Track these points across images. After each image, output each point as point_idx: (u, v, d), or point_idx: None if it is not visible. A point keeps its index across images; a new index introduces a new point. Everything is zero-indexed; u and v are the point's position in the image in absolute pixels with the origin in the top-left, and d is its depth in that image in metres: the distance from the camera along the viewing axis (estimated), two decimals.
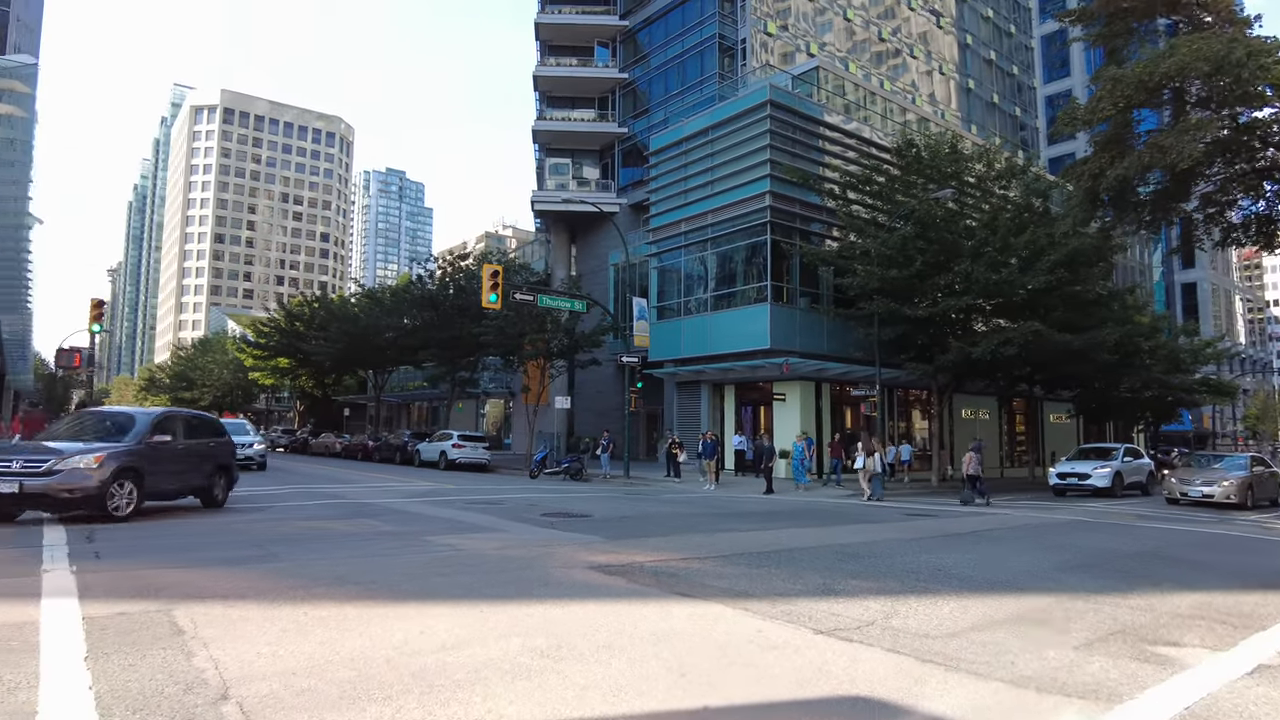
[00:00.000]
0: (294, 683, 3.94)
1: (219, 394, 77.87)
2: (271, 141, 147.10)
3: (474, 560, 8.06)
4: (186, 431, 12.69)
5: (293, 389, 69.74)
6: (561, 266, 44.26)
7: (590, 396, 40.40)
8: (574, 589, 6.59)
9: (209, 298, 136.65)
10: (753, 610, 5.93)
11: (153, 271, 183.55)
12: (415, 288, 39.87)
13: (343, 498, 16.21)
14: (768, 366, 26.71)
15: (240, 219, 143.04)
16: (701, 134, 30.17)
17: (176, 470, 12.03)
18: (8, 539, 8.91)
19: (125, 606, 5.46)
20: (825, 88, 32.99)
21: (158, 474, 11.38)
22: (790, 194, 27.77)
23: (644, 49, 43.72)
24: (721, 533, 11.19)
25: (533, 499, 16.55)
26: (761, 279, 27.56)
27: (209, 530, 10.32)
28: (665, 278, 32.32)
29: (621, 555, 8.49)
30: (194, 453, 12.62)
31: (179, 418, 13.05)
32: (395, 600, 6.02)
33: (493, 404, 53.99)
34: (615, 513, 13.95)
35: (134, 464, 10.86)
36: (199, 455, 12.73)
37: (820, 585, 7.10)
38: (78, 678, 3.90)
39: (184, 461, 12.26)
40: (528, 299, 26.87)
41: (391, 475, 25.58)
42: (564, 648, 4.75)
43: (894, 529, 12.47)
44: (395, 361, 46.55)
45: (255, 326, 64.41)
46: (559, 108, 45.89)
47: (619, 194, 42.99)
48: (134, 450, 11.03)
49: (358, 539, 9.69)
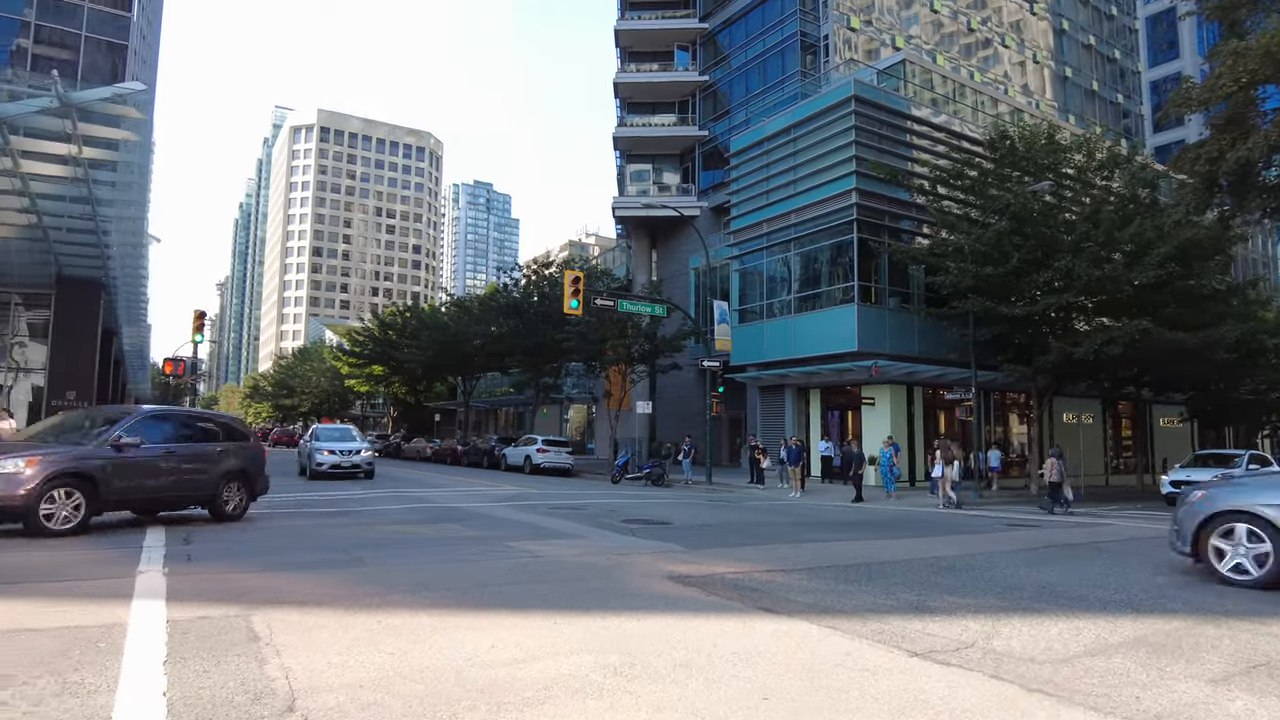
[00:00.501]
0: (361, 696, 3.85)
1: (317, 401, 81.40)
2: (365, 158, 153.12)
3: (552, 568, 7.94)
4: (183, 434, 11.39)
5: (386, 395, 72.21)
6: (642, 272, 44.26)
7: (672, 401, 40.20)
8: (651, 601, 6.36)
9: (308, 309, 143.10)
10: (841, 629, 5.57)
11: (257, 285, 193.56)
12: (501, 296, 40.62)
13: (430, 502, 16.47)
14: (856, 369, 25.92)
15: (337, 233, 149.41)
16: (784, 133, 29.61)
17: (159, 478, 10.66)
18: (113, 539, 9.33)
19: (208, 610, 5.53)
20: (912, 82, 31.91)
21: (125, 482, 10.08)
22: (877, 191, 26.92)
23: (724, 50, 43.33)
24: (807, 543, 10.77)
25: (613, 505, 16.43)
26: (848, 279, 26.79)
27: (299, 534, 10.57)
28: (747, 280, 31.83)
29: (701, 566, 8.22)
30: (191, 458, 11.21)
31: (172, 418, 11.87)
32: (470, 609, 5.92)
33: (576, 409, 54.48)
34: (696, 520, 13.67)
35: (82, 469, 9.55)
36: (199, 461, 11.33)
37: (914, 602, 6.66)
38: (154, 683, 3.91)
39: (170, 468, 10.85)
40: (608, 304, 26.90)
41: (478, 479, 25.97)
42: (638, 665, 4.53)
43: (992, 540, 11.77)
44: (483, 368, 47.53)
45: (351, 336, 66.99)
46: (639, 113, 45.95)
47: (699, 197, 42.69)
48: (87, 455, 9.75)
49: (441, 544, 9.74)
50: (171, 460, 10.93)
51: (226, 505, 11.72)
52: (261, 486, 12.56)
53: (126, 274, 32.40)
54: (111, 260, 28.04)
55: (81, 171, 20.27)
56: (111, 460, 9.96)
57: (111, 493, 9.95)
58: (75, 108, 17.28)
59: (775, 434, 29.27)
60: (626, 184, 45.90)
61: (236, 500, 11.93)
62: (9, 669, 4.10)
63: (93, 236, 25.23)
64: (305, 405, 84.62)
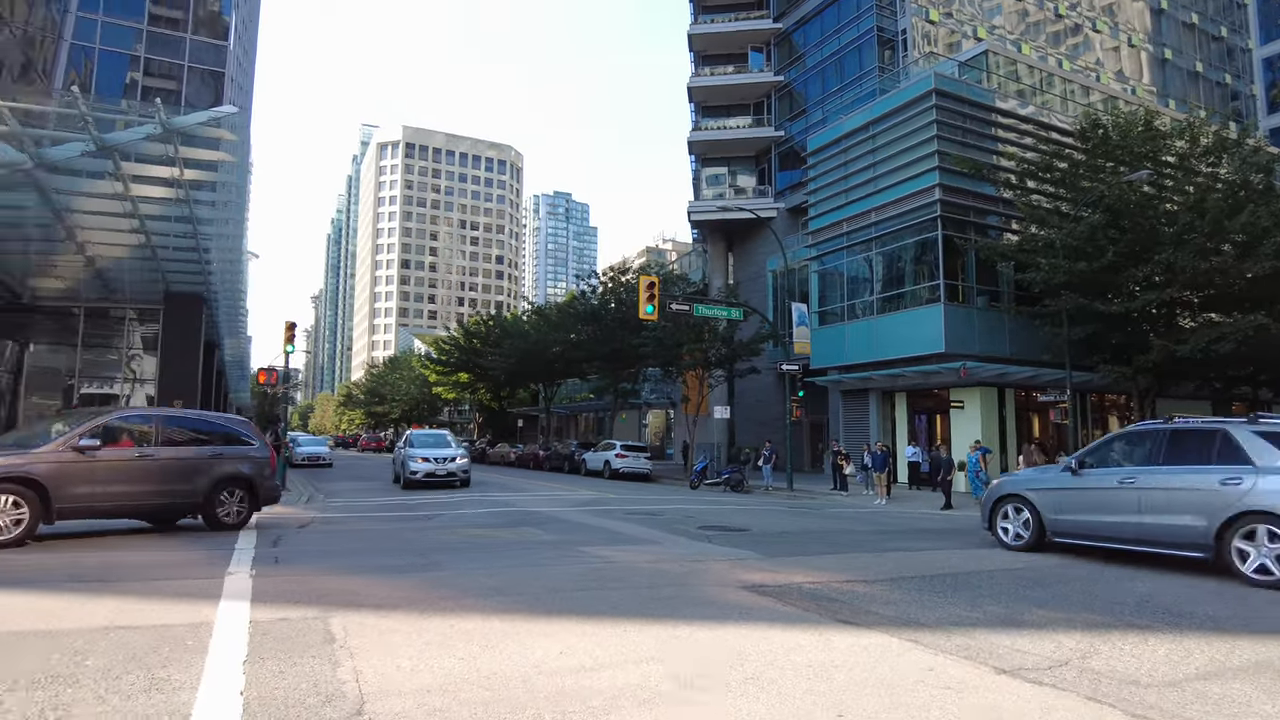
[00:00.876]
0: (428, 701, 3.86)
1: (407, 408, 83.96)
2: (449, 172, 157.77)
3: (625, 574, 7.88)
4: (166, 438, 10.64)
5: (472, 402, 73.86)
6: (719, 276, 43.96)
7: (750, 406, 39.74)
8: (724, 611, 6.22)
9: (397, 319, 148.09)
10: (924, 643, 5.31)
11: (349, 297, 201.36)
12: (579, 303, 41.03)
13: (511, 506, 16.70)
14: (943, 372, 25.04)
15: (424, 245, 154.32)
16: (862, 130, 28.93)
17: (131, 484, 10.00)
18: (207, 541, 9.77)
19: (288, 612, 5.69)
20: (996, 73, 30.71)
21: (86, 488, 9.49)
22: (962, 186, 25.98)
23: (799, 49, 42.71)
24: (890, 552, 10.40)
25: (690, 510, 16.30)
26: (933, 278, 25.93)
27: (381, 537, 10.84)
28: (826, 281, 31.21)
29: (778, 575, 8.01)
30: (174, 463, 10.51)
31: (156, 419, 11.07)
32: (541, 615, 5.91)
33: (654, 414, 54.52)
34: (774, 527, 13.40)
35: (28, 474, 8.97)
36: (184, 466, 10.62)
37: (1002, 615, 6.31)
38: (233, 681, 4.03)
39: (146, 474, 10.18)
40: (683, 309, 26.76)
41: (559, 484, 26.23)
42: (708, 677, 4.41)
43: (1070, 552, 11.09)
44: (563, 374, 48.14)
45: (438, 344, 68.93)
46: (714, 116, 45.73)
47: (776, 198, 42.13)
48: (35, 459, 9.16)
49: (518, 548, 9.82)
50: (147, 465, 10.18)
51: (222, 514, 10.96)
52: (268, 494, 11.73)
53: (227, 289, 34.09)
54: (213, 276, 29.49)
55: (183, 192, 21.37)
56: (67, 464, 9.26)
57: (67, 500, 9.25)
58: (176, 132, 18.26)
59: (859, 439, 28.55)
60: (702, 188, 45.73)
61: (235, 509, 11.14)
62: (107, 663, 4.30)
63: (195, 254, 26.60)
64: (396, 412, 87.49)
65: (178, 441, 10.84)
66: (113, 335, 32.73)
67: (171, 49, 36.55)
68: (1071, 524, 10.20)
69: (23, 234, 24.22)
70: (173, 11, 37.06)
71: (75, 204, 22.54)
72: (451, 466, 22.05)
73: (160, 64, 36.27)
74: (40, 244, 25.04)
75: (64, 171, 20.23)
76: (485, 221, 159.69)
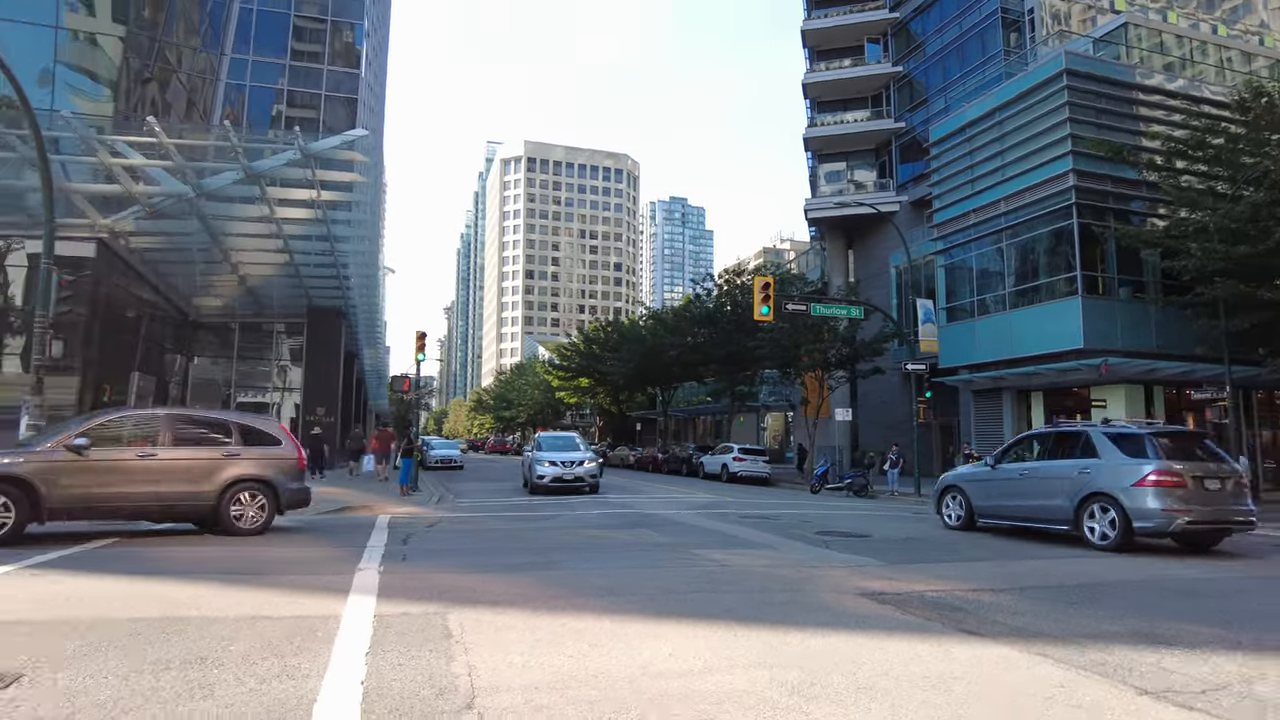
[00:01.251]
0: (535, 698, 3.94)
1: (532, 412, 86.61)
2: (569, 184, 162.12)
3: (738, 578, 7.79)
4: (170, 437, 10.25)
5: (593, 406, 75.35)
6: (839, 274, 42.86)
7: (874, 408, 38.50)
8: (838, 618, 6.04)
9: (523, 327, 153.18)
10: (1054, 657, 4.96)
11: (477, 307, 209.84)
12: (694, 307, 41.04)
13: (628, 508, 16.88)
14: (1082, 369, 23.41)
15: (546, 256, 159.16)
16: (987, 117, 27.49)
17: (128, 484, 9.74)
18: (344, 538, 10.39)
19: (410, 607, 5.97)
20: (1137, 47, 28.51)
21: (80, 488, 9.36)
22: (1099, 171, 24.20)
23: (917, 38, 41.09)
24: (1022, 560, 9.80)
25: (809, 515, 15.94)
26: (1069, 269, 24.30)
27: (503, 536, 11.19)
28: (953, 276, 29.83)
29: (899, 582, 7.70)
30: (177, 463, 10.13)
31: (161, 418, 10.65)
32: (651, 616, 5.93)
33: (773, 417, 53.72)
34: (898, 534, 12.90)
35: (13, 474, 8.93)
36: (189, 466, 10.21)
37: (1145, 630, 5.81)
38: (355, 671, 4.26)
39: (145, 473, 9.87)
40: (800, 309, 26.24)
41: (676, 486, 26.31)
42: (817, 685, 4.28)
43: (1248, 565, 10.08)
44: (680, 378, 48.30)
45: (560, 351, 70.78)
46: (830, 111, 44.69)
47: (898, 192, 40.65)
48: (22, 457, 9.16)
49: (633, 549, 9.91)
50: (147, 465, 9.87)
51: (235, 518, 10.37)
52: (292, 497, 11.03)
53: (364, 302, 36.33)
54: (351, 291, 31.50)
55: (321, 213, 22.98)
56: (59, 464, 9.16)
57: (58, 500, 9.15)
58: (314, 157, 19.65)
59: (992, 441, 27.07)
60: (819, 184, 44.76)
61: (253, 513, 10.54)
62: (247, 650, 4.65)
63: (333, 270, 28.50)
64: (522, 416, 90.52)
65: (187, 441, 10.42)
66: (264, 347, 35.49)
67: (310, 80, 39.29)
68: (991, 508, 12.95)
69: (188, 257, 26.67)
70: (311, 46, 39.86)
71: (229, 228, 24.68)
72: (579, 471, 21.11)
73: (301, 95, 39.06)
74: (202, 266, 27.50)
75: (220, 199, 22.19)
76: (604, 230, 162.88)
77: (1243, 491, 11.14)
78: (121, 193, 21.01)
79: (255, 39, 37.98)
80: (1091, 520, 11.07)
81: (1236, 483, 11.05)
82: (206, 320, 33.45)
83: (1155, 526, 10.48)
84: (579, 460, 21.38)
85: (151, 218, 22.26)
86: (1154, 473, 10.59)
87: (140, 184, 20.93)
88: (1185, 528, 10.48)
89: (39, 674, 4.14)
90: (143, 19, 31.35)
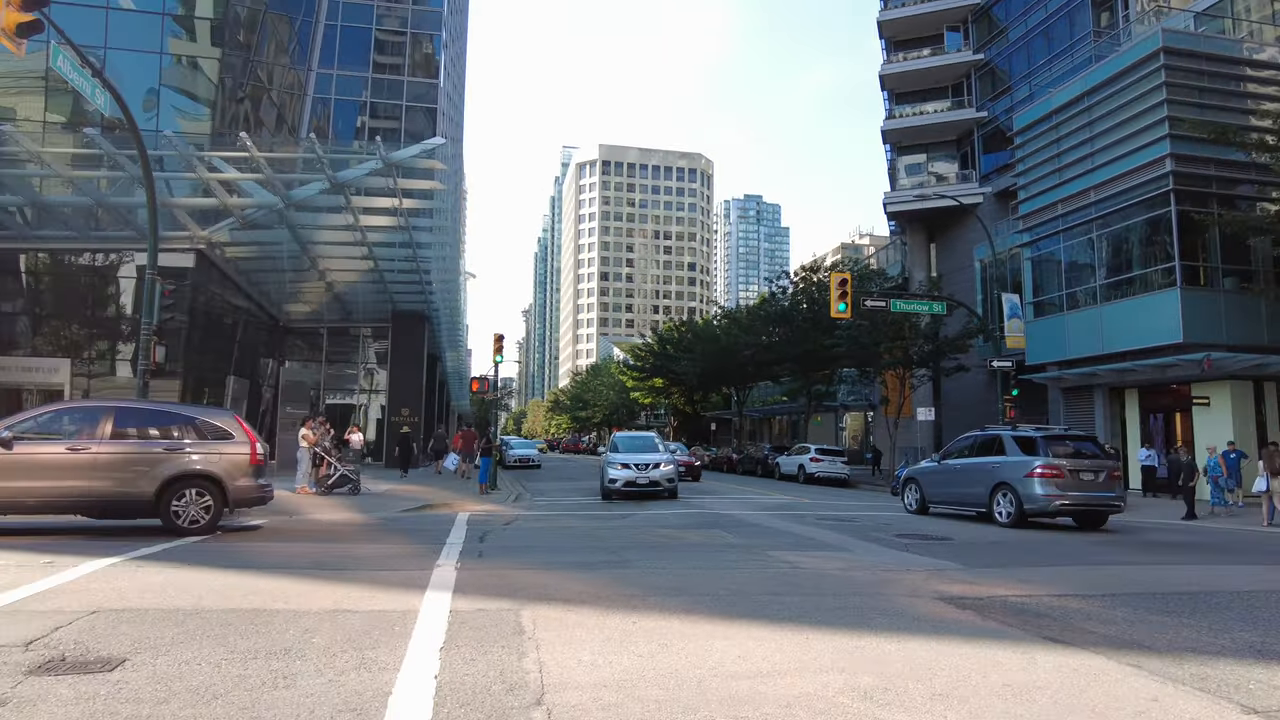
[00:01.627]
0: (603, 696, 3.97)
1: (607, 412, 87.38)
2: (643, 185, 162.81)
3: (811, 580, 7.67)
4: (110, 431, 9.90)
5: (667, 406, 75.51)
6: (920, 269, 41.73)
7: (959, 407, 37.30)
8: (915, 623, 5.87)
9: (598, 329, 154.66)
10: (1148, 669, 4.69)
11: (554, 310, 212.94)
12: (769, 305, 40.62)
13: (702, 508, 16.84)
14: (1182, 364, 22.14)
15: (621, 257, 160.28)
16: (1076, 102, 26.26)
17: (59, 479, 9.49)
18: (424, 535, 10.68)
19: (484, 603, 6.10)
20: (1246, 19, 26.73)
21: (6, 483, 9.28)
22: (1200, 154, 22.79)
23: (999, 24, 39.62)
24: (1114, 565, 9.33)
25: (888, 518, 15.55)
26: (1167, 259, 23.01)
27: (578, 535, 11.31)
28: (1041, 269, 28.64)
29: (980, 587, 7.44)
30: (114, 457, 9.77)
31: (105, 411, 10.25)
32: (721, 617, 5.89)
33: (852, 417, 52.69)
34: (982, 537, 12.47)
35: None
36: (127, 461, 9.84)
37: (1255, 644, 5.44)
38: (429, 666, 4.37)
39: (77, 468, 9.57)
40: (879, 305, 25.65)
41: (751, 487, 26.09)
42: (891, 691, 4.17)
43: None
44: (754, 377, 47.89)
45: (634, 351, 71.14)
46: (908, 103, 43.56)
47: (980, 183, 39.29)
48: None
49: (705, 550, 9.88)
50: (77, 459, 9.56)
51: (176, 515, 9.93)
52: (242, 496, 10.50)
53: (446, 306, 37.29)
54: (433, 295, 32.39)
55: (403, 220, 23.71)
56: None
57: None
58: (395, 166, 20.29)
59: None
60: (899, 178, 43.69)
61: (195, 511, 10.05)
62: (328, 642, 4.83)
63: (416, 275, 29.35)
64: (597, 417, 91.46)
65: (127, 436, 10.00)
66: (351, 351, 36.84)
67: (392, 91, 40.63)
68: (937, 495, 15.98)
69: (278, 265, 27.91)
70: (392, 58, 41.21)
71: (317, 237, 25.73)
72: (655, 475, 19.16)
73: (383, 106, 40.44)
74: (292, 273, 28.74)
75: (307, 209, 23.15)
76: (678, 230, 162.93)
77: (1114, 482, 14.12)
78: (217, 205, 22.16)
79: (340, 54, 39.53)
80: (998, 505, 14.24)
81: (1109, 475, 14.05)
82: (297, 325, 34.94)
83: (1038, 508, 13.65)
84: (655, 462, 19.55)
85: (244, 228, 23.40)
86: (1040, 466, 13.64)
87: (234, 196, 22.04)
88: (1060, 509, 13.72)
89: (141, 658, 4.40)
90: (237, 41, 33.01)
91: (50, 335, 23.22)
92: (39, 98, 29.17)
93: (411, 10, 42.00)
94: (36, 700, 3.70)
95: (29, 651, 4.51)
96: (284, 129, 36.18)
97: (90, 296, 23.65)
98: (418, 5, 42.31)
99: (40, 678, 4.04)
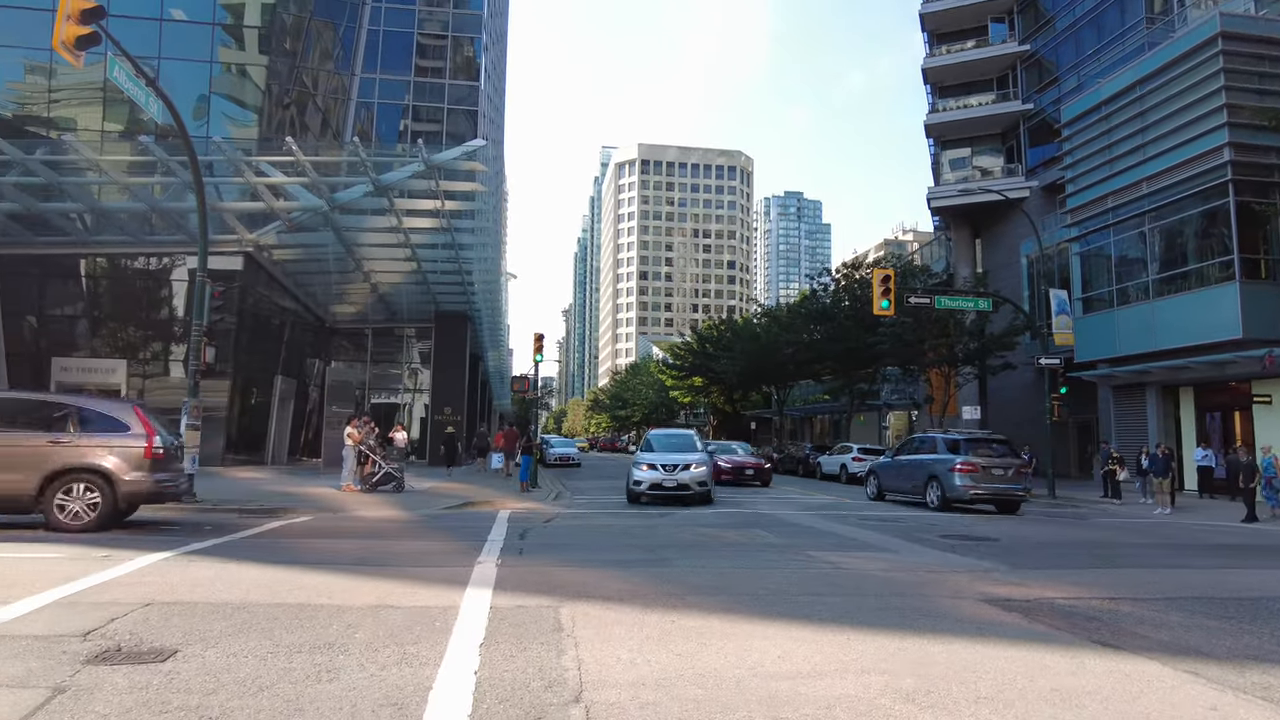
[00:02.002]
0: (642, 694, 3.96)
1: (647, 411, 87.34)
2: (682, 184, 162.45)
3: (852, 581, 7.57)
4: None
5: (706, 405, 75.22)
6: (965, 265, 40.92)
7: (1005, 405, 36.53)
8: (959, 625, 5.76)
9: (637, 328, 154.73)
10: (1205, 676, 4.54)
11: (594, 309, 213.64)
12: (810, 303, 40.19)
13: (741, 507, 16.73)
14: (1241, 361, 21.40)
15: (660, 256, 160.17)
16: (1126, 92, 25.52)
17: None
18: (466, 532, 10.78)
19: (524, 600, 6.14)
20: None
21: None
22: (1261, 142, 21.99)
23: (1046, 13, 38.64)
24: (1169, 568, 9.05)
25: (933, 518, 15.30)
26: (1225, 252, 22.25)
27: (617, 533, 11.33)
28: (1090, 264, 27.90)
29: (1027, 589, 7.27)
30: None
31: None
32: (761, 617, 5.85)
33: (895, 416, 51.88)
34: (1029, 538, 12.19)
35: None
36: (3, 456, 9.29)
37: None
38: (469, 661, 4.41)
39: None
40: (923, 302, 25.20)
41: (792, 487, 25.88)
42: (933, 694, 4.10)
43: None
44: (795, 376, 47.44)
45: (673, 350, 71.00)
46: (952, 96, 42.73)
47: (1027, 177, 38.39)
48: None
49: (744, 549, 9.82)
50: None
51: (59, 511, 9.34)
52: (135, 491, 9.75)
53: (488, 307, 37.66)
54: (475, 296, 32.75)
55: (446, 222, 23.99)
56: None
57: None
58: (437, 168, 20.55)
59: (1134, 440, 25.18)
60: (942, 172, 42.88)
61: (80, 508, 9.43)
62: (370, 637, 4.90)
63: (458, 276, 29.69)
64: (637, 415, 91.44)
65: (7, 426, 9.54)
66: (395, 351, 37.42)
67: (434, 95, 41.15)
68: (890, 485, 19.10)
69: (324, 267, 28.46)
70: (434, 62, 41.74)
71: (361, 239, 26.18)
72: (684, 477, 16.87)
73: (425, 109, 40.97)
74: (337, 275, 29.28)
75: (352, 211, 23.58)
76: (717, 229, 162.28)
77: (1020, 476, 17.05)
78: (264, 209, 22.68)
79: (382, 59, 40.14)
80: (929, 493, 17.09)
81: (1017, 470, 17.00)
82: (342, 326, 35.60)
83: (957, 496, 16.40)
84: (684, 464, 17.09)
85: (291, 231, 23.92)
86: (960, 463, 16.53)
87: (281, 200, 22.53)
88: (975, 497, 16.43)
89: (191, 649, 4.52)
90: (283, 48, 33.74)
91: (108, 337, 24.03)
92: (97, 108, 30.20)
93: (452, 14, 42.46)
94: (93, 689, 3.82)
95: (87, 641, 4.66)
96: (328, 133, 36.88)
97: (145, 299, 24.41)
98: (459, 9, 42.76)
99: (97, 667, 4.17)
